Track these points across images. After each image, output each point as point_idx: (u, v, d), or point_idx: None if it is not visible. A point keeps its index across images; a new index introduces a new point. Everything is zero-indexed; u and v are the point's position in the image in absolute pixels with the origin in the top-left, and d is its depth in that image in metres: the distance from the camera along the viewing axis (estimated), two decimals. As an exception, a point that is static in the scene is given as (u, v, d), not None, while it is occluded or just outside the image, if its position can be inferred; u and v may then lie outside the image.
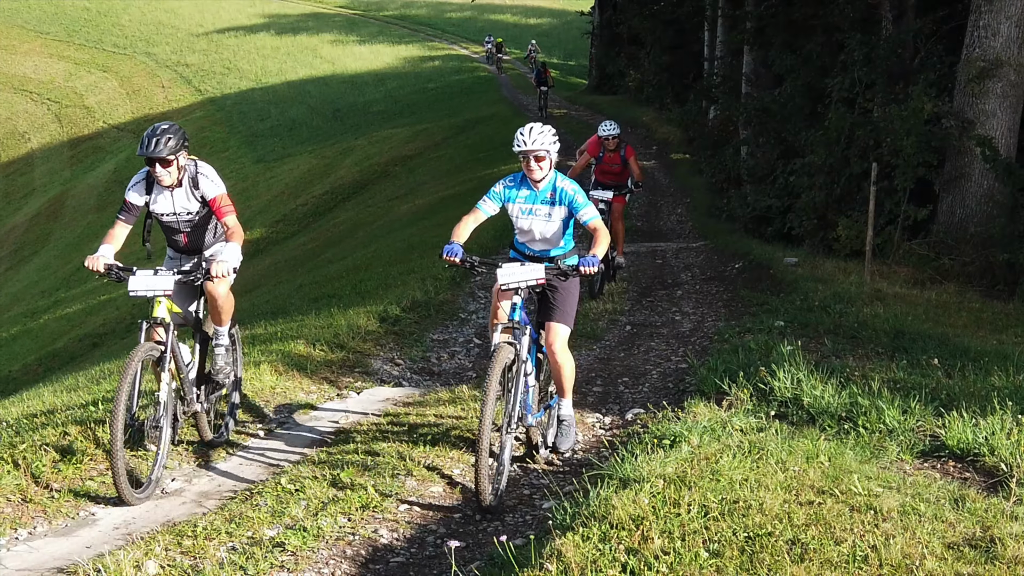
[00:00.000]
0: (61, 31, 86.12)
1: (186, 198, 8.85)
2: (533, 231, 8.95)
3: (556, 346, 8.79)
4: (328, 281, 21.26)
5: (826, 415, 9.19)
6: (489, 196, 8.88)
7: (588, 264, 8.30)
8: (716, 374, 10.74)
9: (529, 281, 8.42)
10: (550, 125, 9.01)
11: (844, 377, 10.20)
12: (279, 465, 8.91)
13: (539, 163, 8.66)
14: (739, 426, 8.74)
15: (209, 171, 8.89)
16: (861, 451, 8.27)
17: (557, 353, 8.80)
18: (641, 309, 16.73)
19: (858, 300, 15.47)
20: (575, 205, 8.73)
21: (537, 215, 8.87)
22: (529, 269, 8.45)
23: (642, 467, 7.46)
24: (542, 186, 8.81)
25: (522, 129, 8.73)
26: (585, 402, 11.21)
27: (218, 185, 8.86)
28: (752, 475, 7.20)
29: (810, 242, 23.19)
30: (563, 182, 8.81)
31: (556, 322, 8.86)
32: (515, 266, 8.50)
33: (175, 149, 8.52)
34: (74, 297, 39.75)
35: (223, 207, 8.82)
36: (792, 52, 27.24)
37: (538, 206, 8.85)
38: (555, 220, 8.85)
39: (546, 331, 8.89)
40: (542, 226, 8.89)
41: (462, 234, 8.65)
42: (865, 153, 21.74)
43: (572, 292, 8.97)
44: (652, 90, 48.67)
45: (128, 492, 7.80)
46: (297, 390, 11.46)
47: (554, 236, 8.94)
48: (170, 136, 8.53)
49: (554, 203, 8.81)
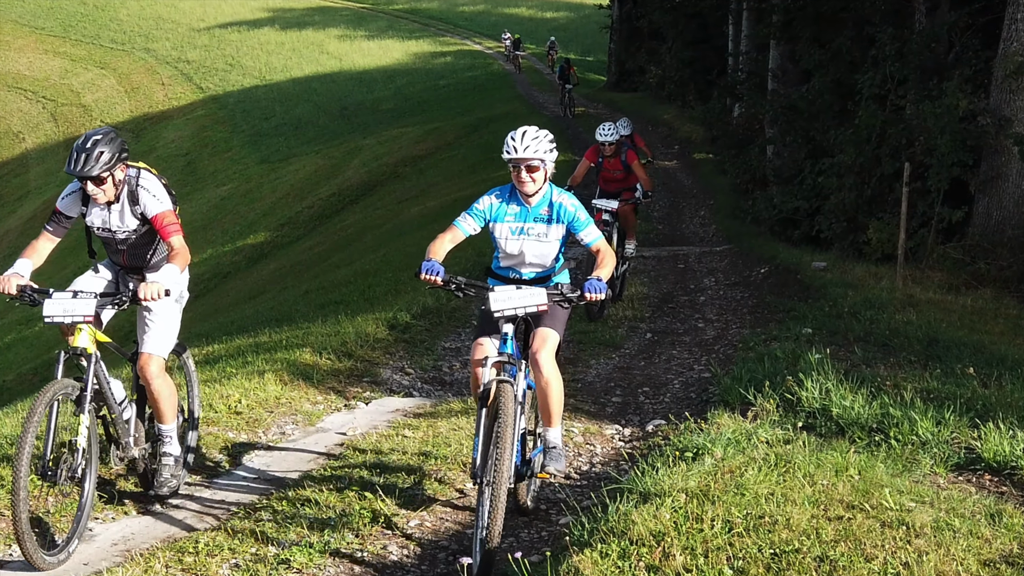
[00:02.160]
0: (57, 26, 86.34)
1: (124, 215, 8.04)
2: (524, 254, 8.09)
3: (543, 354, 7.83)
4: (335, 287, 21.31)
5: (856, 426, 9.17)
6: (470, 213, 8.03)
7: (594, 290, 7.56)
8: (741, 384, 10.72)
9: (528, 308, 7.57)
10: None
11: (875, 387, 10.18)
12: (284, 479, 8.93)
13: (532, 174, 7.83)
14: (765, 438, 8.73)
15: (152, 184, 8.00)
16: (893, 464, 8.26)
17: (543, 363, 7.79)
18: (662, 316, 16.72)
19: (890, 306, 15.44)
20: (576, 224, 7.96)
21: (530, 236, 8.02)
22: (528, 294, 7.57)
23: (663, 481, 7.46)
24: (535, 201, 7.98)
25: (513, 133, 7.87)
26: (604, 413, 11.22)
27: (162, 201, 7.97)
28: (778, 489, 7.20)
29: (839, 246, 23.15)
30: (561, 196, 8.02)
31: (545, 327, 7.95)
32: (510, 290, 7.63)
33: (109, 164, 7.64)
34: (71, 304, 39.82)
35: (167, 226, 7.94)
36: (821, 47, 27.24)
37: (531, 225, 8.00)
38: (551, 240, 8.05)
39: (532, 337, 7.96)
40: (536, 248, 8.06)
41: (440, 252, 7.87)
42: (897, 152, 21.70)
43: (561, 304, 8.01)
44: (674, 87, 48.64)
45: (37, 556, 7.00)
46: (303, 400, 11.48)
47: (548, 258, 8.14)
48: (103, 150, 7.60)
49: (551, 221, 8.00)
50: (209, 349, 14.85)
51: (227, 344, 15.05)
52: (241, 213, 48.54)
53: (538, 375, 7.86)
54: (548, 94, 58.27)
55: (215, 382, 11.71)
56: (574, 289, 7.75)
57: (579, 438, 10.34)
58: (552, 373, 7.86)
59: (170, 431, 8.23)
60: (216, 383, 11.62)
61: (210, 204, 52.23)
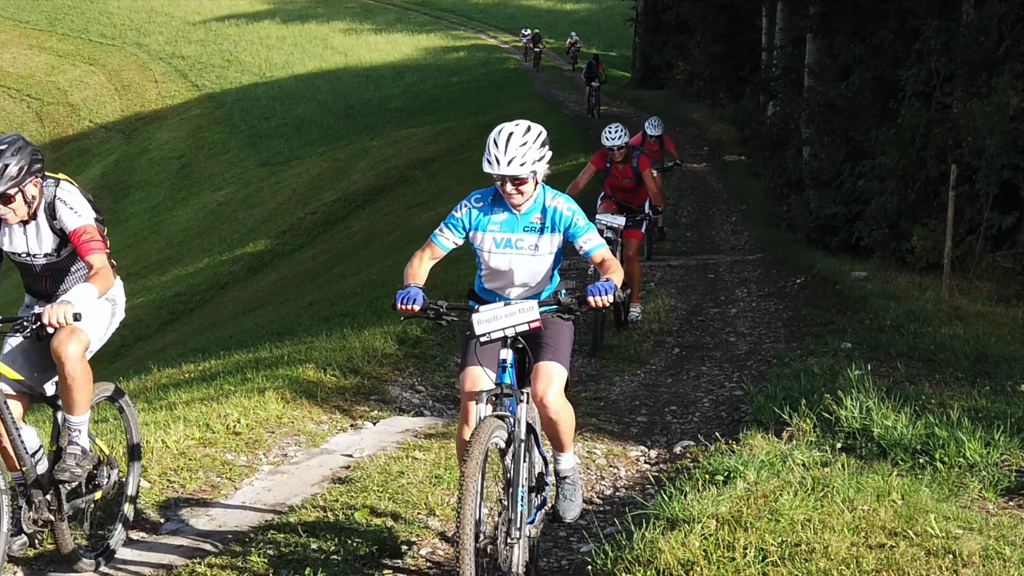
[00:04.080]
0: (42, 19, 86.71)
1: (42, 235, 7.39)
2: (512, 272, 7.37)
3: (550, 396, 7.13)
4: (341, 298, 21.35)
5: (899, 448, 9.17)
6: (448, 224, 7.37)
7: (601, 292, 6.87)
8: (775, 402, 10.73)
9: (519, 326, 6.91)
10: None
11: (919, 405, 10.17)
12: (285, 503, 8.95)
13: (520, 187, 7.10)
14: (801, 460, 8.73)
15: (71, 196, 7.32)
16: (938, 488, 8.25)
17: (551, 405, 7.14)
18: (691, 329, 16.73)
19: (935, 319, 15.42)
20: (574, 230, 7.24)
21: (519, 248, 7.31)
22: (516, 309, 6.91)
23: (692, 506, 7.47)
24: (525, 207, 7.25)
25: (495, 136, 7.09)
26: (628, 433, 11.23)
27: (82, 214, 7.28)
28: (816, 515, 7.20)
29: (881, 254, 23.14)
30: (556, 199, 7.28)
31: (548, 360, 7.24)
32: (496, 308, 6.97)
33: (17, 179, 6.99)
34: (57, 316, 39.95)
35: (86, 242, 7.22)
36: (861, 40, 27.21)
37: (520, 235, 7.28)
38: (544, 254, 7.32)
39: (534, 375, 7.22)
40: (526, 264, 7.34)
41: (419, 275, 7.29)
42: (943, 154, 21.68)
43: (565, 327, 7.37)
44: (703, 84, 48.61)
45: None
46: (306, 420, 11.51)
47: (541, 277, 7.42)
48: (8, 162, 6.94)
49: (543, 230, 7.28)
50: (206, 365, 14.88)
51: (225, 360, 15.08)
52: (239, 220, 48.64)
53: (546, 417, 7.25)
54: (568, 92, 58.34)
55: (212, 400, 11.73)
56: (573, 294, 7.04)
57: (602, 460, 10.36)
58: (562, 412, 7.24)
59: (80, 424, 7.40)
60: (213, 401, 11.65)
61: (206, 210, 52.38)
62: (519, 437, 6.93)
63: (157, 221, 53.26)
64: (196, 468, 9.63)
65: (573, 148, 35.23)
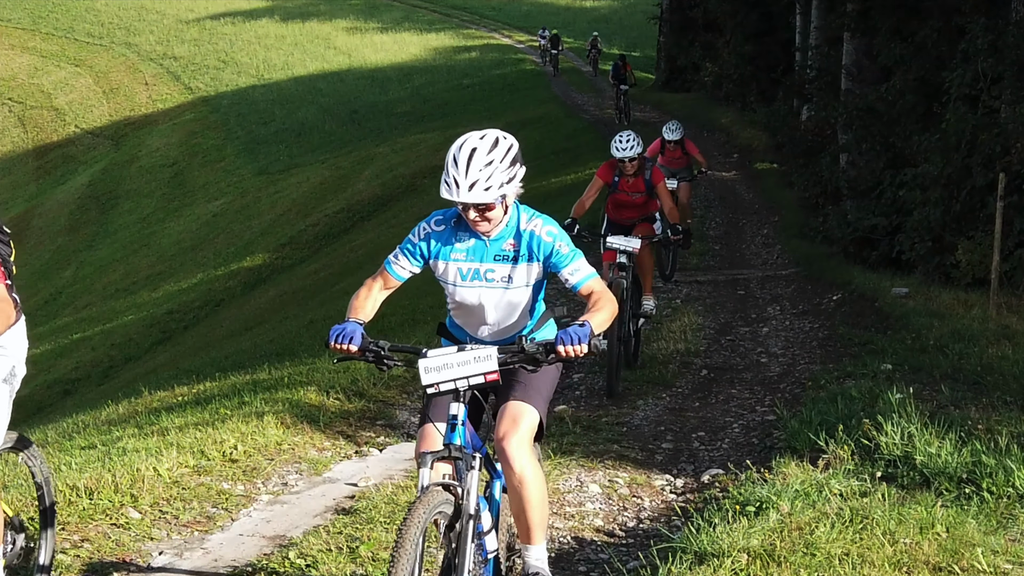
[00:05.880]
0: (24, 17, 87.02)
1: None
2: (483, 307, 6.71)
3: (513, 442, 6.43)
4: (344, 316, 21.37)
5: (943, 477, 9.17)
6: (403, 249, 6.74)
7: (573, 340, 6.06)
8: (810, 427, 10.74)
9: (473, 378, 6.15)
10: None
11: (965, 431, 10.17)
12: (286, 535, 8.97)
13: (485, 214, 6.40)
14: (838, 490, 8.75)
15: None
16: (986, 520, 8.26)
17: (513, 456, 6.41)
18: (720, 350, 16.74)
19: (982, 338, 15.41)
20: (557, 259, 6.51)
21: (490, 281, 6.62)
22: (471, 358, 6.17)
23: (722, 539, 7.48)
24: (495, 233, 6.55)
25: (455, 153, 6.37)
26: (653, 461, 11.25)
27: None
28: (854, 548, 7.21)
29: (923, 269, 23.12)
30: (533, 222, 6.58)
31: (517, 400, 6.56)
32: (448, 354, 6.26)
33: None
34: (41, 336, 40.01)
35: None
36: (902, 40, 27.22)
37: (491, 265, 6.59)
38: (518, 286, 6.63)
39: (499, 417, 6.56)
40: (498, 298, 6.67)
41: (366, 309, 6.81)
42: (991, 161, 21.66)
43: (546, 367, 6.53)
44: (732, 86, 48.64)
45: None
46: (307, 446, 11.53)
47: (518, 315, 6.77)
48: None
49: (518, 259, 6.57)
50: (200, 388, 14.92)
51: (221, 382, 15.11)
52: (236, 232, 48.74)
53: (508, 471, 6.48)
54: (588, 95, 58.39)
55: (207, 425, 11.75)
56: (544, 344, 6.19)
57: (624, 490, 10.37)
58: (528, 468, 6.43)
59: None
60: (208, 427, 11.67)
61: (200, 221, 52.47)
62: (467, 511, 6.04)
63: (148, 233, 53.34)
64: (190, 498, 9.65)
65: (592, 156, 35.24)
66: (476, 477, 6.10)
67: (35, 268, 52.86)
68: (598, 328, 6.19)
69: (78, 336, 37.57)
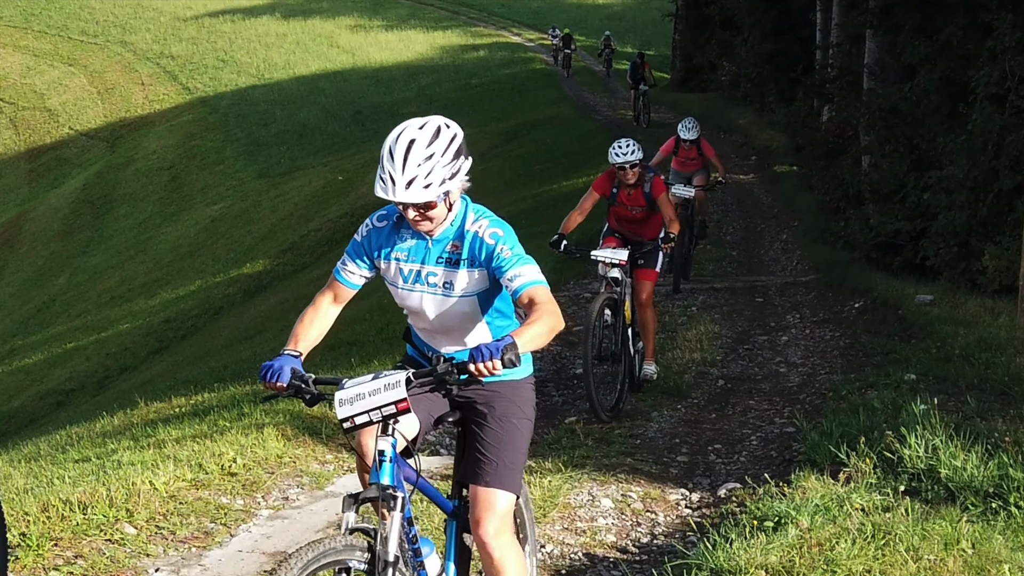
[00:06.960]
0: (16, 15, 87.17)
1: None
2: (426, 315, 6.26)
3: (489, 530, 6.05)
4: (347, 324, 21.39)
5: (969, 491, 9.17)
6: (350, 254, 6.37)
7: (485, 356, 5.45)
8: (831, 440, 10.73)
9: (385, 408, 5.52)
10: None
11: (992, 444, 10.16)
12: (286, 552, 8.95)
13: (426, 214, 5.97)
14: (860, 504, 8.74)
15: None
16: (1013, 536, 8.25)
17: (491, 544, 6.03)
18: (737, 359, 16.74)
19: (1009, 347, 15.39)
20: (499, 262, 5.96)
21: (430, 285, 6.17)
22: (381, 385, 5.56)
23: (739, 555, 7.48)
24: (439, 232, 6.10)
25: (391, 144, 5.93)
26: (667, 474, 11.25)
27: None
28: (876, 565, 7.21)
29: (949, 275, 23.11)
30: (479, 222, 6.09)
31: (488, 487, 6.10)
32: (363, 382, 5.62)
33: None
34: (34, 345, 40.08)
35: None
36: (927, 37, 27.20)
37: (431, 268, 6.15)
38: (461, 294, 6.14)
39: (471, 499, 6.17)
40: (437, 306, 6.20)
41: (309, 336, 6.31)
42: (1018, 164, 21.66)
43: (517, 422, 6.25)
44: (750, 86, 48.63)
45: None
46: (310, 459, 11.53)
47: (473, 327, 6.28)
48: None
49: (459, 263, 6.10)
50: (198, 398, 14.93)
51: (220, 392, 15.12)
52: (236, 237, 48.75)
53: (486, 559, 6.10)
54: (600, 95, 58.44)
55: (205, 438, 11.75)
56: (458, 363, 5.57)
57: (638, 504, 10.38)
58: (507, 558, 6.05)
59: None
60: (207, 439, 11.67)
61: (199, 226, 52.51)
62: (384, 559, 5.46)
63: (144, 239, 53.38)
64: (187, 513, 9.66)
65: (605, 159, 35.10)
66: (398, 520, 5.53)
67: (27, 275, 52.94)
68: (528, 344, 5.61)
69: (72, 345, 37.57)
